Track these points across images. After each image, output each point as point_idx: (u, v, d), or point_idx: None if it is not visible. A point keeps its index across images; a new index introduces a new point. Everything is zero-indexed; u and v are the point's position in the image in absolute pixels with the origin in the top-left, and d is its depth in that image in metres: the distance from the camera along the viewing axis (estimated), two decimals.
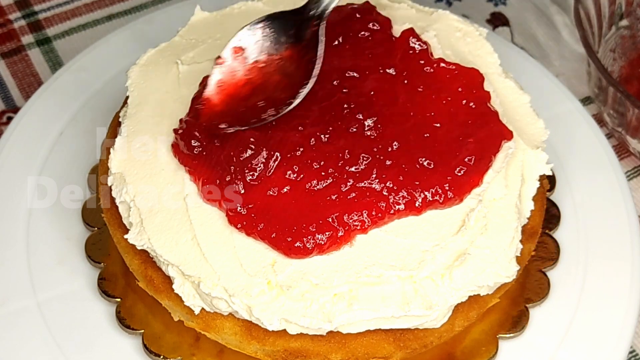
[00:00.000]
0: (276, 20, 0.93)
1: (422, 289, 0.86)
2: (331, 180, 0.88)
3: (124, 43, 1.21)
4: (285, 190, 0.87)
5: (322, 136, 0.89)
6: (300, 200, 0.87)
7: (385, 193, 0.88)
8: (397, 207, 0.88)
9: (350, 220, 0.87)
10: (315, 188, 0.87)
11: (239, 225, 0.87)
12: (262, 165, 0.87)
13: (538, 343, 0.96)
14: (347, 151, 0.89)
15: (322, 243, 0.85)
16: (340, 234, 0.86)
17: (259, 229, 0.86)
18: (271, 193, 0.87)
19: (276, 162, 0.87)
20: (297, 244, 0.85)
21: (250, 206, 0.87)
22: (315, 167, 0.88)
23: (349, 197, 0.87)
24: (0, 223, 1.04)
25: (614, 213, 1.05)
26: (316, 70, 0.90)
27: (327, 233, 0.86)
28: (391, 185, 0.88)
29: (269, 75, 0.91)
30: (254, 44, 0.92)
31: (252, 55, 0.92)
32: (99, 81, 1.17)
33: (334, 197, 0.87)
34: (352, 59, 0.96)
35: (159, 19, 1.24)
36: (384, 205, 0.87)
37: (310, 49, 0.91)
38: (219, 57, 0.92)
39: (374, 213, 0.87)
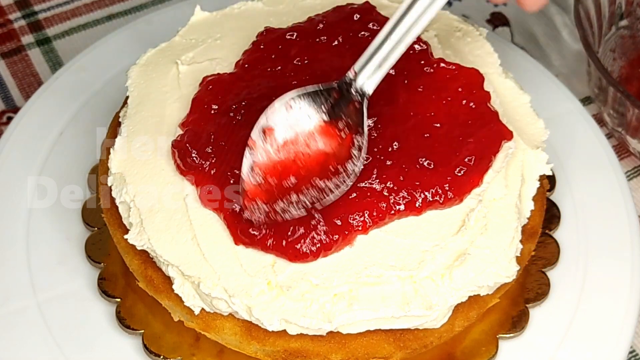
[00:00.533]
0: (306, 97, 0.88)
1: (422, 289, 0.86)
2: None
3: (124, 43, 1.21)
4: None
5: None
6: None
7: (385, 193, 0.88)
8: (397, 207, 0.88)
9: (353, 221, 0.86)
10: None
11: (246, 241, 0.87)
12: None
13: (538, 343, 0.96)
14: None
15: (330, 246, 0.85)
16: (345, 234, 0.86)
17: (267, 244, 0.86)
18: None
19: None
20: (304, 249, 0.85)
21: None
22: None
23: (350, 197, 0.87)
24: (0, 223, 1.04)
25: (614, 213, 1.05)
26: (365, 149, 0.87)
27: (335, 236, 0.86)
28: (391, 186, 0.88)
29: (309, 155, 0.86)
30: (282, 122, 0.87)
31: (283, 134, 0.86)
32: (99, 81, 1.17)
33: None
34: (352, 59, 0.96)
35: (159, 19, 1.24)
36: (385, 205, 0.87)
37: (351, 125, 0.87)
38: (251, 138, 0.86)
39: (374, 213, 0.87)
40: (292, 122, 0.87)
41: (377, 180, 0.88)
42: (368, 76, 0.88)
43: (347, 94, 0.89)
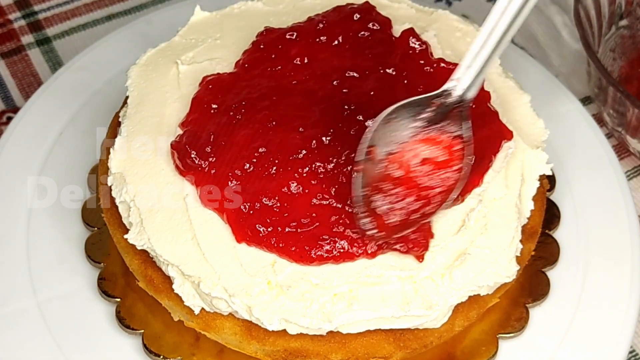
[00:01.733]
0: (404, 108, 0.86)
1: (422, 289, 0.86)
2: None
3: (124, 43, 1.21)
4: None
5: (323, 138, 0.89)
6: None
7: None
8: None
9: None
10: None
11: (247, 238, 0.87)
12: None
13: (538, 343, 0.96)
14: (347, 153, 0.89)
15: (343, 248, 0.86)
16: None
17: (272, 242, 0.86)
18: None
19: (275, 168, 0.87)
20: (316, 252, 0.85)
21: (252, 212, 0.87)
22: (317, 168, 0.88)
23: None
24: (0, 223, 1.04)
25: (614, 213, 1.05)
26: (470, 153, 0.86)
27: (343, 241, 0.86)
28: None
29: (415, 166, 0.85)
30: (383, 138, 0.85)
31: (386, 149, 0.85)
32: (99, 81, 1.17)
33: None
34: (352, 59, 0.96)
35: (159, 19, 1.24)
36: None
37: (453, 132, 0.86)
38: (356, 162, 0.85)
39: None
40: (393, 135, 0.86)
41: None
42: (468, 83, 0.87)
43: (448, 101, 0.87)
